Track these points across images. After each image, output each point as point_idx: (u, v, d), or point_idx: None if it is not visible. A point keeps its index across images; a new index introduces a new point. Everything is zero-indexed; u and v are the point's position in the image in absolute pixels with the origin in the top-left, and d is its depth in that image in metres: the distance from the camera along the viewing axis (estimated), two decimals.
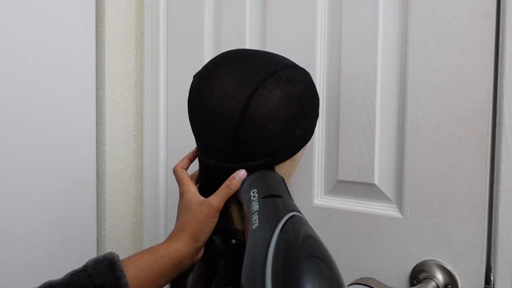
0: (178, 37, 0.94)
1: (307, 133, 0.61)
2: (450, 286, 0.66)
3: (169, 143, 0.96)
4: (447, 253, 0.67)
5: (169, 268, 0.54)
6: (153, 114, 0.97)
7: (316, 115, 0.63)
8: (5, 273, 0.77)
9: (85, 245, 0.93)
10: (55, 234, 0.86)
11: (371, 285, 0.64)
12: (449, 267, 0.67)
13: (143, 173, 0.99)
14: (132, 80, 0.99)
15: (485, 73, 0.64)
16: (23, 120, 0.79)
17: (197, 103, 0.58)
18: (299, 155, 0.62)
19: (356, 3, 0.74)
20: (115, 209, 0.97)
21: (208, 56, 0.90)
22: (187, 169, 0.65)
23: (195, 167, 0.66)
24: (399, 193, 0.71)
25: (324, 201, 0.78)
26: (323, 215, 0.77)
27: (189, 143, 0.71)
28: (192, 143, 0.65)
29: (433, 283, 0.66)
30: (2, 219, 0.77)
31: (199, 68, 0.62)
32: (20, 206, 0.80)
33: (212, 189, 0.58)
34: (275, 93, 0.54)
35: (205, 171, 0.62)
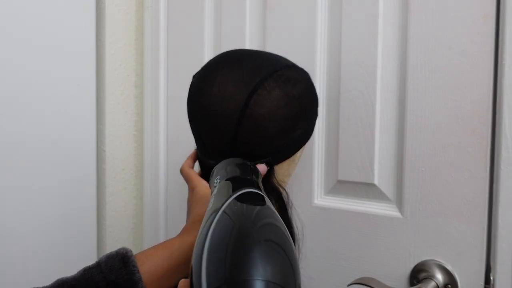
0: (178, 37, 0.94)
1: (307, 133, 0.61)
2: (449, 286, 0.66)
3: (169, 143, 0.96)
4: (447, 253, 0.67)
5: (185, 262, 0.52)
6: (153, 114, 0.97)
7: (315, 115, 0.63)
8: (6, 273, 0.77)
9: (85, 244, 0.93)
10: (55, 234, 0.86)
11: (371, 285, 0.64)
12: (449, 267, 0.67)
13: (143, 173, 0.99)
14: (132, 80, 0.99)
15: (485, 73, 0.64)
16: (23, 120, 0.79)
17: (196, 103, 0.58)
18: (298, 155, 0.62)
19: (356, 3, 0.74)
20: (115, 209, 0.97)
21: (208, 56, 0.90)
22: (193, 168, 0.65)
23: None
24: (399, 193, 0.71)
25: (324, 201, 0.78)
26: (323, 215, 0.77)
27: (189, 143, 0.71)
28: (192, 143, 0.65)
29: (433, 283, 0.66)
30: (2, 219, 0.77)
31: (199, 68, 0.62)
32: (20, 205, 0.80)
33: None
34: (275, 93, 0.54)
35: (205, 171, 0.62)
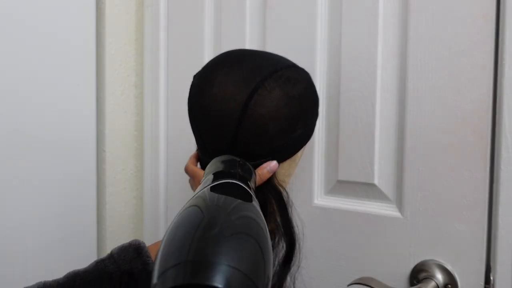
0: (178, 37, 0.94)
1: (307, 133, 0.61)
2: (449, 286, 0.66)
3: (169, 143, 0.96)
4: (447, 253, 0.67)
5: None
6: (153, 114, 0.97)
7: (316, 115, 0.63)
8: (6, 273, 0.77)
9: (85, 244, 0.93)
10: (56, 233, 0.86)
11: (371, 285, 0.64)
12: (449, 267, 0.67)
13: (143, 173, 0.99)
14: (132, 80, 0.99)
15: (485, 73, 0.64)
16: (23, 120, 0.79)
17: (197, 103, 0.58)
18: (299, 154, 0.62)
19: (356, 3, 0.74)
20: (115, 209, 0.97)
21: (208, 56, 0.90)
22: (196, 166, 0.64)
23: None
24: (399, 193, 0.71)
25: (324, 201, 0.78)
26: (323, 215, 0.77)
27: (189, 143, 0.71)
28: (192, 143, 0.65)
29: (432, 283, 0.66)
30: (2, 219, 0.77)
31: (199, 68, 0.62)
32: (20, 205, 0.80)
33: None
34: (275, 93, 0.54)
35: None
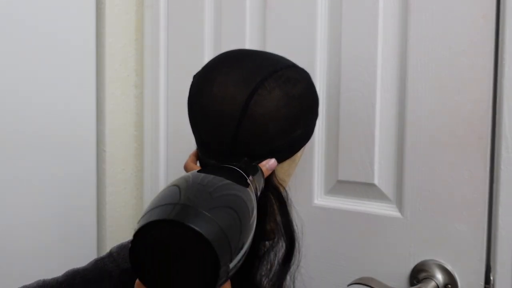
0: (178, 37, 0.94)
1: (307, 133, 0.61)
2: (450, 286, 0.66)
3: (169, 143, 0.96)
4: (447, 253, 0.67)
5: None
6: (153, 114, 0.97)
7: (315, 115, 0.63)
8: (6, 273, 0.77)
9: (85, 244, 0.93)
10: (56, 233, 0.86)
11: (371, 285, 0.64)
12: (449, 267, 0.67)
13: (143, 173, 0.99)
14: (132, 80, 0.99)
15: (485, 73, 0.64)
16: (23, 120, 0.79)
17: (197, 103, 0.58)
18: (298, 154, 0.62)
19: (356, 3, 0.74)
20: (115, 209, 0.97)
21: (208, 56, 0.90)
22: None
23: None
24: (399, 193, 0.71)
25: (324, 201, 0.78)
26: (323, 215, 0.77)
27: (189, 143, 0.71)
28: (192, 143, 0.64)
29: (433, 283, 0.66)
30: (2, 219, 0.77)
31: (199, 68, 0.62)
32: (20, 205, 0.80)
33: None
34: (275, 93, 0.54)
35: None
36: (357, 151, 0.74)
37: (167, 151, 0.97)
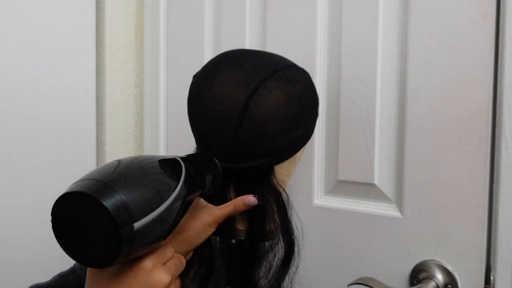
0: (178, 37, 0.94)
1: (307, 133, 0.61)
2: (450, 286, 0.66)
3: (169, 143, 0.96)
4: (447, 253, 0.67)
5: None
6: (153, 114, 0.97)
7: (315, 115, 0.63)
8: (4, 273, 0.77)
9: None
10: None
11: (371, 285, 0.64)
12: (449, 267, 0.67)
13: None
14: (132, 80, 0.99)
15: (485, 73, 0.64)
16: (23, 120, 0.79)
17: (196, 103, 0.58)
18: (298, 154, 0.62)
19: (356, 3, 0.74)
20: None
21: (208, 56, 0.90)
22: None
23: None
24: (399, 193, 0.71)
25: (324, 201, 0.78)
26: (323, 215, 0.77)
27: (189, 143, 0.71)
28: (192, 143, 0.64)
29: (433, 283, 0.66)
30: (1, 219, 0.77)
31: (199, 68, 0.62)
32: (19, 206, 0.80)
33: None
34: (275, 93, 0.54)
35: None
36: (357, 151, 0.74)
37: (167, 151, 0.96)
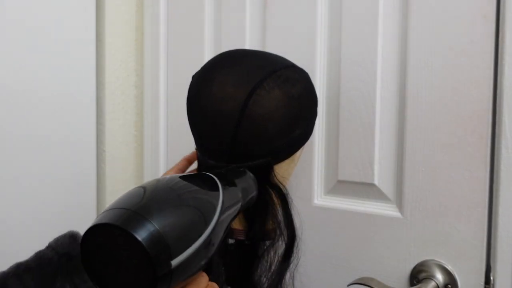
0: (178, 37, 0.94)
1: (306, 133, 0.61)
2: (450, 286, 0.66)
3: (169, 143, 0.96)
4: (447, 253, 0.67)
5: None
6: (153, 114, 0.97)
7: (314, 115, 0.63)
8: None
9: None
10: (55, 234, 0.86)
11: (371, 285, 0.64)
12: (449, 267, 0.67)
13: (143, 173, 0.99)
14: (132, 80, 0.99)
15: (485, 73, 0.64)
16: (22, 120, 0.79)
17: (196, 103, 0.58)
18: (298, 154, 0.62)
19: (356, 3, 0.74)
20: None
21: (208, 56, 0.90)
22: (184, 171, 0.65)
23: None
24: (399, 193, 0.71)
25: (324, 201, 0.78)
26: (323, 215, 0.77)
27: (189, 143, 0.71)
28: (192, 143, 0.64)
29: (433, 283, 0.66)
30: (1, 219, 0.77)
31: (199, 68, 0.62)
32: (20, 206, 0.80)
33: None
34: (274, 93, 0.54)
35: (203, 171, 0.62)
36: (357, 151, 0.74)
37: (167, 151, 0.97)
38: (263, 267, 0.58)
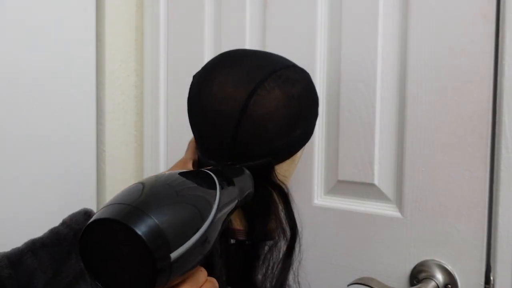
0: (178, 37, 0.94)
1: (307, 133, 0.61)
2: (450, 286, 0.66)
3: (169, 143, 0.96)
4: (447, 253, 0.67)
5: None
6: (153, 114, 0.97)
7: (315, 115, 0.63)
8: None
9: None
10: None
11: (371, 285, 0.64)
12: (449, 267, 0.67)
13: (143, 173, 0.99)
14: (132, 80, 0.99)
15: (485, 73, 0.64)
16: (22, 120, 0.79)
17: (196, 103, 0.58)
18: (298, 155, 0.62)
19: (356, 3, 0.74)
20: None
21: (208, 56, 0.90)
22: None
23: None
24: (399, 193, 0.71)
25: (324, 201, 0.78)
26: (323, 215, 0.77)
27: None
28: None
29: (433, 283, 0.66)
30: (2, 219, 0.77)
31: (199, 68, 0.62)
32: (20, 205, 0.80)
33: None
34: (274, 93, 0.54)
35: None
36: (357, 151, 0.74)
37: (167, 151, 0.97)
38: (264, 267, 0.58)
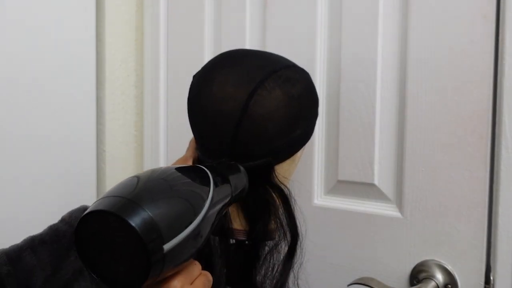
0: (178, 37, 0.94)
1: (307, 133, 0.61)
2: (450, 286, 0.66)
3: (169, 143, 0.96)
4: (447, 253, 0.67)
5: None
6: (153, 114, 0.97)
7: (315, 115, 0.63)
8: None
9: None
10: None
11: (371, 285, 0.64)
12: (449, 267, 0.67)
13: None
14: (132, 80, 0.99)
15: (485, 73, 0.64)
16: (23, 120, 0.79)
17: (196, 103, 0.58)
18: (298, 155, 0.62)
19: (356, 3, 0.74)
20: None
21: (208, 56, 0.90)
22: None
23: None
24: (399, 193, 0.71)
25: (324, 201, 0.78)
26: (323, 215, 0.77)
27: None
28: None
29: (433, 283, 0.66)
30: (1, 219, 0.77)
31: (199, 68, 0.62)
32: (20, 205, 0.80)
33: None
34: (274, 93, 0.54)
35: None
36: (357, 151, 0.74)
37: (167, 151, 0.97)
38: (264, 267, 0.58)
